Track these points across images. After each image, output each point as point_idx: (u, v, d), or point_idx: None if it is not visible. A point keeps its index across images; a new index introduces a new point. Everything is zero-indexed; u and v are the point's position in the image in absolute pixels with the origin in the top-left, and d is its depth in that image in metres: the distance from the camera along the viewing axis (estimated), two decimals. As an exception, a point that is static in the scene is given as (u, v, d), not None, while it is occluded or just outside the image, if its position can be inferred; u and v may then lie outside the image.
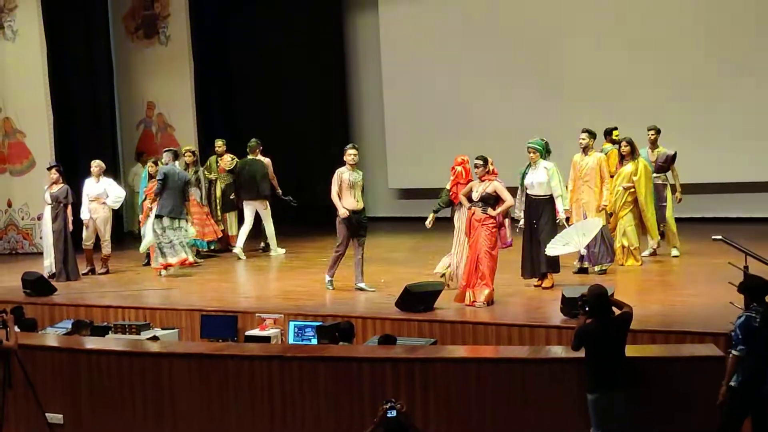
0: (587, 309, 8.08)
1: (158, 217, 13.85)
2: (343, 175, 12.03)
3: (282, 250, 15.64)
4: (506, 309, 10.75)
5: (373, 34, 19.56)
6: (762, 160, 16.21)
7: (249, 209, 15.52)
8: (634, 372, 7.97)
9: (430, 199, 18.82)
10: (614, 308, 8.19)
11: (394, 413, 7.89)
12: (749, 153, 16.25)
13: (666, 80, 16.81)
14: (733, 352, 7.68)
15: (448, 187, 12.39)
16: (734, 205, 16.59)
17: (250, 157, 15.58)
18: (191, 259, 14.03)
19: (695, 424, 8.04)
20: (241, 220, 15.97)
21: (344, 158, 12.08)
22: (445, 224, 12.08)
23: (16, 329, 9.62)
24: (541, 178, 11.58)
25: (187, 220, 14.07)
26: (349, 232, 12.03)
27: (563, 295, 9.96)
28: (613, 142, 13.42)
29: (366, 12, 19.72)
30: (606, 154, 13.07)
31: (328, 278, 12.24)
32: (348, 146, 12.23)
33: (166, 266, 13.86)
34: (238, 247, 15.27)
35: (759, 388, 7.73)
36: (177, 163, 14.64)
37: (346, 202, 12.00)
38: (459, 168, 12.16)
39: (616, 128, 13.29)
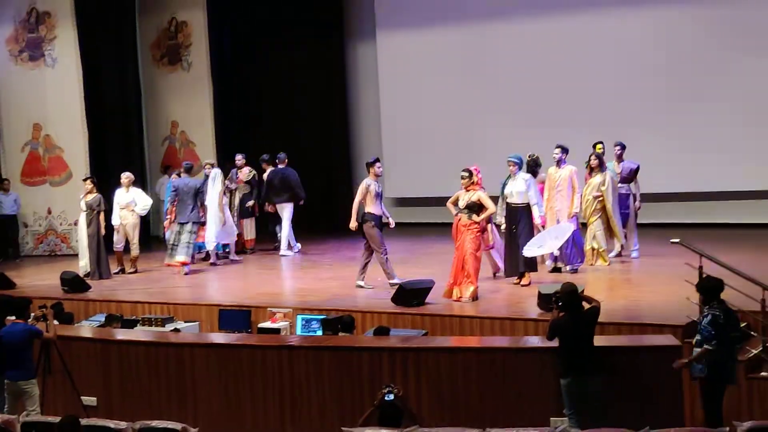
0: (560, 304, 8.09)
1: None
2: (370, 186, 12.00)
3: (290, 253, 15.64)
4: (489, 304, 10.74)
5: (372, 58, 19.54)
6: (714, 173, 16.22)
7: (282, 210, 15.73)
8: (601, 359, 7.98)
9: (423, 207, 18.93)
10: (585, 303, 8.20)
11: (391, 397, 7.88)
12: (704, 166, 16.25)
13: (632, 102, 16.81)
14: (707, 346, 7.69)
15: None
16: (691, 212, 16.57)
17: (281, 166, 15.81)
18: (183, 259, 13.98)
19: (655, 403, 8.05)
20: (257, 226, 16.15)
21: (371, 170, 12.04)
22: (435, 229, 12.08)
23: (55, 322, 9.62)
24: (519, 188, 11.58)
25: (194, 223, 14.09)
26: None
27: (539, 292, 9.98)
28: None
29: (365, 38, 19.68)
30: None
31: (396, 280, 11.70)
32: (375, 160, 12.18)
33: (168, 264, 14.11)
34: (285, 247, 15.58)
35: (724, 378, 7.82)
36: (227, 172, 15.30)
37: (374, 209, 11.98)
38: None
39: (600, 142, 13.32)
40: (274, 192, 15.72)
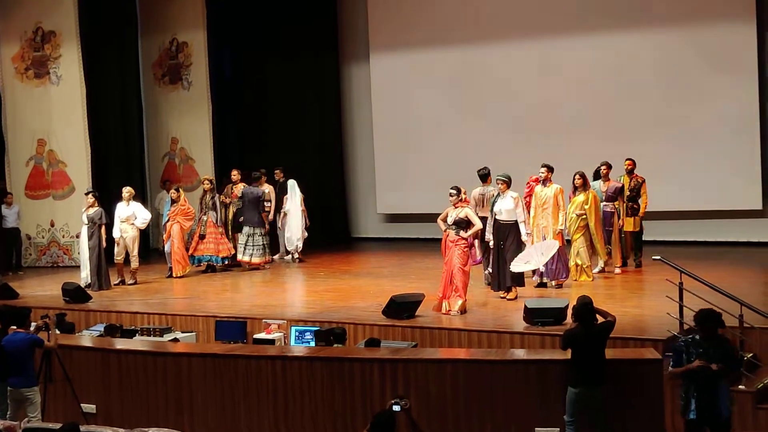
0: (574, 315, 8.07)
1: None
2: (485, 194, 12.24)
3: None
4: (477, 317, 10.73)
5: (365, 78, 19.61)
6: (694, 192, 16.27)
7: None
8: (608, 372, 7.95)
9: (413, 222, 18.98)
10: (600, 316, 8.15)
11: (398, 408, 7.75)
12: (685, 186, 16.31)
13: (619, 123, 16.91)
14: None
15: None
16: (672, 230, 16.61)
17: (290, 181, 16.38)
18: (260, 260, 15.31)
19: (637, 415, 8.06)
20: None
21: (489, 179, 12.34)
22: (425, 244, 12.07)
23: (57, 332, 9.59)
24: (508, 206, 11.59)
25: (255, 227, 15.24)
26: None
27: (526, 306, 9.97)
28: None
29: (359, 59, 19.76)
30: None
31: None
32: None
33: (241, 261, 15.41)
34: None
35: None
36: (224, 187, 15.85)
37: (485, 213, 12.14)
38: (533, 183, 12.72)
39: (631, 160, 13.97)
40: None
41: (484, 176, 12.46)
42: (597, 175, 13.56)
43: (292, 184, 16.05)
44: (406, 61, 18.96)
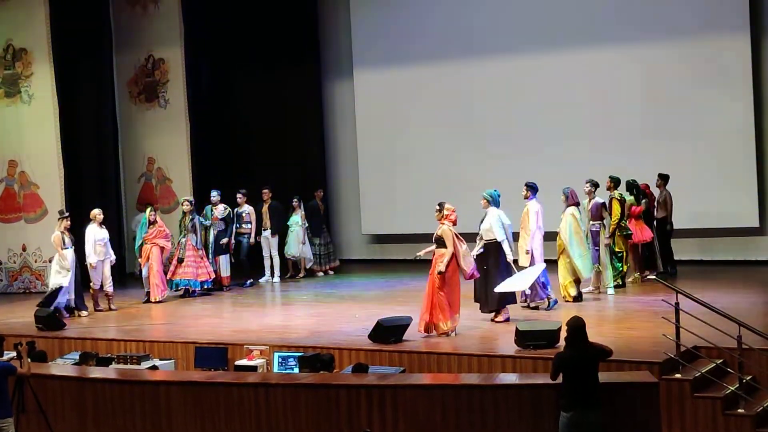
0: (566, 338, 8.06)
1: None
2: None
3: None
4: (466, 340, 10.72)
5: (349, 94, 19.63)
6: (690, 210, 16.30)
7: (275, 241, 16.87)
8: (602, 395, 7.93)
9: (399, 243, 18.98)
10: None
11: None
12: (681, 204, 16.25)
13: (608, 139, 17.00)
14: None
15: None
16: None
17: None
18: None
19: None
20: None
21: None
22: (412, 265, 12.06)
23: (29, 360, 9.51)
24: (487, 225, 11.61)
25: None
26: None
27: (517, 329, 9.97)
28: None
29: (342, 75, 19.78)
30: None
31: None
32: None
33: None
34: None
35: None
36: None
37: None
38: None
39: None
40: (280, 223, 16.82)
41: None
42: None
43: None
44: (391, 77, 19.01)
